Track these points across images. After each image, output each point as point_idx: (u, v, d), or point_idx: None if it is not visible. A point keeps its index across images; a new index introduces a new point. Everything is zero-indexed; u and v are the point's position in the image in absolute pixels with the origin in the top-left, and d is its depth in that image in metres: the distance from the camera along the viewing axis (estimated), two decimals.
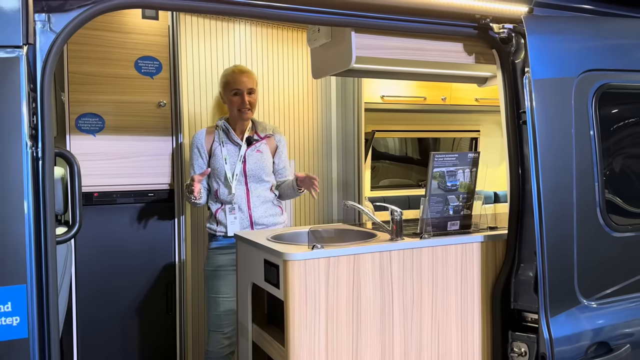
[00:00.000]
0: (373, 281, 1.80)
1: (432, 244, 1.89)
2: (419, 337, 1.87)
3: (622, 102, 2.01)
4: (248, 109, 2.54)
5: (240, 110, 2.54)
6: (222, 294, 2.48)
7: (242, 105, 2.53)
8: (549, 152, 1.79)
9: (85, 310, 2.62)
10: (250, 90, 2.55)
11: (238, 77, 2.56)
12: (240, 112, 2.54)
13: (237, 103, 2.54)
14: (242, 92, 2.53)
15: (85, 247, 2.62)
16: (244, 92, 2.53)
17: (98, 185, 2.64)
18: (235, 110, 2.56)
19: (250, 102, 2.55)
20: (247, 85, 2.54)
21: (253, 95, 2.57)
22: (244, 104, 2.53)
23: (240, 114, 2.55)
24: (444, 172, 2.00)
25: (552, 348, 1.76)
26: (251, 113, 2.57)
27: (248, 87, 2.54)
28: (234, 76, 2.56)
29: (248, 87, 2.54)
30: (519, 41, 1.90)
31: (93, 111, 2.64)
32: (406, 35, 1.91)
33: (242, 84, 2.53)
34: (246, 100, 2.53)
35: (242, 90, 2.53)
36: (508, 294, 1.92)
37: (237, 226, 2.49)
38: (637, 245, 1.95)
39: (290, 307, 1.69)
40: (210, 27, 3.05)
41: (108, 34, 2.65)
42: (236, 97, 2.54)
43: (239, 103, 2.53)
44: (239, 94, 2.53)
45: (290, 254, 1.70)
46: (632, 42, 2.00)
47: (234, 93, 2.54)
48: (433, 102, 3.76)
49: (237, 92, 2.54)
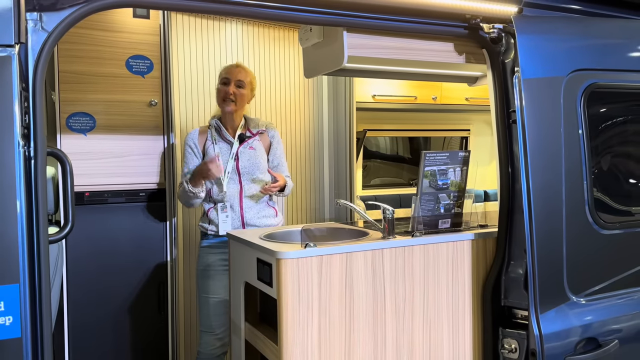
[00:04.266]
0: (365, 279, 1.81)
1: (423, 242, 1.90)
2: (411, 334, 1.88)
3: (610, 101, 2.03)
4: (231, 100, 2.47)
5: (224, 99, 2.47)
6: (212, 294, 2.46)
7: (226, 94, 2.46)
8: (538, 151, 1.80)
9: (77, 309, 2.60)
10: (239, 83, 2.49)
11: (232, 68, 2.52)
12: (224, 102, 2.47)
13: (222, 92, 2.48)
14: (230, 82, 2.47)
15: (77, 247, 2.60)
16: (232, 82, 2.47)
17: (89, 185, 2.63)
18: (220, 99, 2.50)
19: (236, 94, 2.47)
20: (237, 76, 2.48)
21: (242, 90, 2.50)
22: (227, 93, 2.46)
23: (223, 104, 2.48)
24: (435, 171, 2.01)
25: (542, 344, 1.78)
26: (234, 106, 2.49)
27: (237, 79, 2.48)
28: (228, 68, 2.53)
29: (237, 78, 2.48)
30: (508, 41, 1.91)
31: (84, 110, 2.62)
32: (397, 35, 1.92)
33: (232, 74, 2.49)
34: (231, 90, 2.46)
35: (229, 80, 2.47)
36: (498, 291, 1.93)
37: (229, 225, 2.46)
38: (624, 243, 1.98)
39: (283, 305, 1.70)
40: (202, 26, 3.04)
41: (99, 32, 2.64)
42: (222, 86, 2.49)
43: (224, 92, 2.47)
44: (227, 84, 2.48)
45: (283, 252, 1.70)
46: (620, 42, 2.03)
47: (222, 82, 2.50)
48: (424, 101, 3.78)
49: (225, 81, 2.49)
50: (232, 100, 2.48)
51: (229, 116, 2.52)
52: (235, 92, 2.49)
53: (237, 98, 2.50)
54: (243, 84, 2.51)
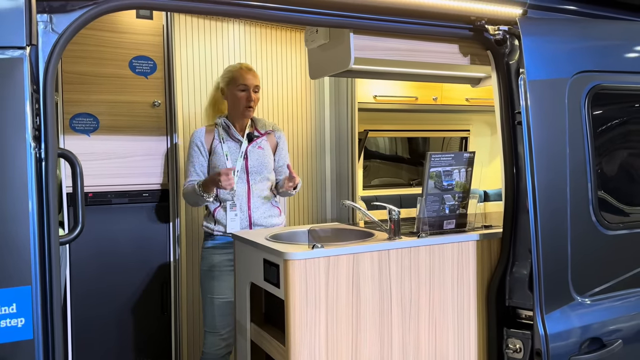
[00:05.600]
0: (372, 280, 1.81)
1: (429, 242, 1.90)
2: (417, 333, 1.89)
3: (614, 103, 2.04)
4: (253, 107, 2.55)
5: (248, 106, 2.53)
6: (217, 294, 2.46)
7: (248, 101, 2.52)
8: (543, 152, 1.81)
9: (80, 310, 2.60)
10: (256, 89, 2.56)
11: (245, 73, 2.55)
12: (247, 108, 2.53)
13: (244, 99, 2.52)
14: (249, 89, 2.52)
15: (80, 248, 2.60)
16: (251, 89, 2.53)
17: (93, 186, 2.63)
18: (241, 106, 2.54)
19: (255, 100, 2.55)
20: (254, 82, 2.54)
21: (257, 94, 2.57)
22: (250, 100, 2.52)
23: (246, 110, 2.54)
24: (440, 172, 2.02)
25: (547, 344, 1.79)
26: (254, 111, 2.58)
27: (254, 85, 2.54)
28: (241, 72, 2.55)
29: (255, 84, 2.54)
30: (513, 43, 1.92)
31: (87, 111, 2.62)
32: (403, 36, 1.93)
33: (249, 80, 2.53)
34: (253, 97, 2.53)
35: (249, 87, 2.52)
36: (503, 292, 1.94)
37: (237, 224, 2.46)
38: (628, 243, 1.99)
39: (290, 306, 1.70)
40: (205, 27, 3.04)
41: (102, 33, 2.63)
42: (243, 93, 2.53)
43: (246, 99, 2.52)
44: (246, 90, 2.53)
45: (290, 253, 1.70)
46: (624, 44, 2.04)
47: (242, 89, 2.53)
48: (424, 102, 3.79)
49: (244, 88, 2.53)
50: (253, 107, 2.56)
51: (242, 117, 2.57)
52: (255, 99, 2.55)
53: (256, 103, 2.58)
54: (258, 89, 2.58)
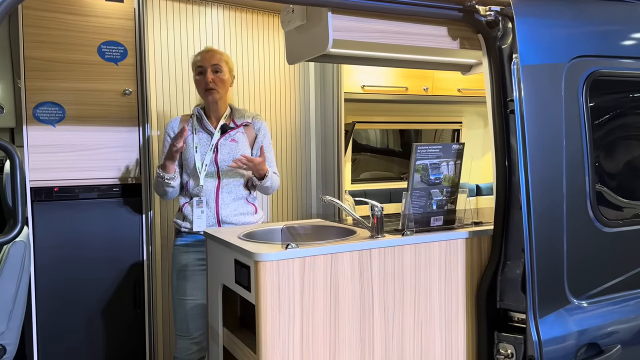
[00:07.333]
0: (352, 282, 1.68)
1: (414, 241, 1.78)
2: (401, 339, 1.77)
3: (614, 90, 1.93)
4: (212, 88, 2.34)
5: (206, 90, 2.34)
6: (189, 296, 2.31)
7: (206, 84, 2.33)
8: (537, 143, 1.70)
9: (47, 311, 2.46)
10: (216, 68, 2.35)
11: (203, 54, 2.39)
12: (206, 92, 2.35)
13: (202, 83, 2.35)
14: (206, 69, 2.34)
15: (46, 246, 2.45)
16: (208, 69, 2.34)
17: (59, 180, 2.47)
18: (202, 91, 2.37)
19: (215, 80, 2.34)
20: (211, 61, 2.34)
21: (220, 75, 2.36)
22: (207, 82, 2.33)
23: (207, 94, 2.35)
24: (427, 165, 1.89)
25: (541, 350, 1.68)
26: (218, 94, 2.36)
27: (212, 63, 2.34)
28: (199, 55, 2.40)
29: (212, 62, 2.34)
30: (506, 25, 1.79)
31: (52, 100, 2.46)
32: (387, 17, 1.79)
33: (205, 61, 2.35)
34: (209, 77, 2.33)
35: (205, 67, 2.34)
36: (494, 293, 1.83)
37: (204, 222, 2.31)
38: (628, 241, 1.88)
39: (262, 311, 1.56)
40: (180, 10, 2.88)
41: (68, 16, 2.47)
42: (200, 76, 2.37)
43: (203, 82, 2.35)
44: (202, 72, 2.35)
45: (262, 254, 1.57)
46: (626, 27, 1.92)
47: (198, 72, 2.37)
48: (415, 92, 3.67)
49: (201, 70, 2.36)
50: (213, 88, 2.35)
51: (214, 105, 2.39)
52: (214, 79, 2.35)
53: (218, 84, 2.36)
54: (220, 68, 2.37)
